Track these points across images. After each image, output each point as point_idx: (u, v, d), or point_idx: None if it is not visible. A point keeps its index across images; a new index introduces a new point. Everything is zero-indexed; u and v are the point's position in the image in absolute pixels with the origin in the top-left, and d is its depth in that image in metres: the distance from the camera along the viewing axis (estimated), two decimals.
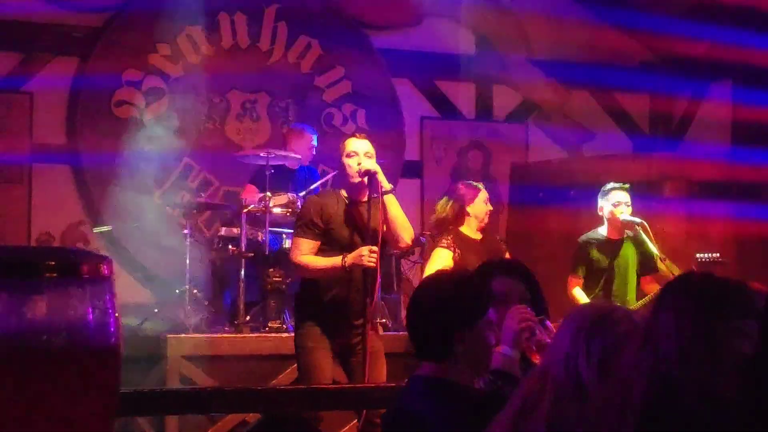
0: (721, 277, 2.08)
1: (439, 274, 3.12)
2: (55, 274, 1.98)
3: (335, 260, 4.89)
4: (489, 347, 2.86)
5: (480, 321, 2.82)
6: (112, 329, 2.02)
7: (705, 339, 1.93)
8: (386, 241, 5.03)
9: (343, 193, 5.05)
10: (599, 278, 6.33)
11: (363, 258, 4.81)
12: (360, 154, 4.93)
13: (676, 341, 1.94)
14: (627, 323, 2.10)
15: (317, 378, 4.87)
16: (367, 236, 4.88)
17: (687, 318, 1.97)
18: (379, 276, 4.88)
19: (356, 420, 5.08)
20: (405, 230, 4.99)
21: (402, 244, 5.11)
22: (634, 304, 6.19)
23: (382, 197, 4.87)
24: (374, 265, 4.80)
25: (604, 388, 2.09)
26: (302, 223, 5.04)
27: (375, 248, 4.81)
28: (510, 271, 3.40)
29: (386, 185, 4.89)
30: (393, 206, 4.92)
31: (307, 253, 4.97)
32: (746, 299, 2.00)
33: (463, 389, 2.80)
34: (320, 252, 5.00)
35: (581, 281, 6.33)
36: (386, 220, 4.91)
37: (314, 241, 4.98)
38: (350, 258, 4.84)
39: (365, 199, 4.91)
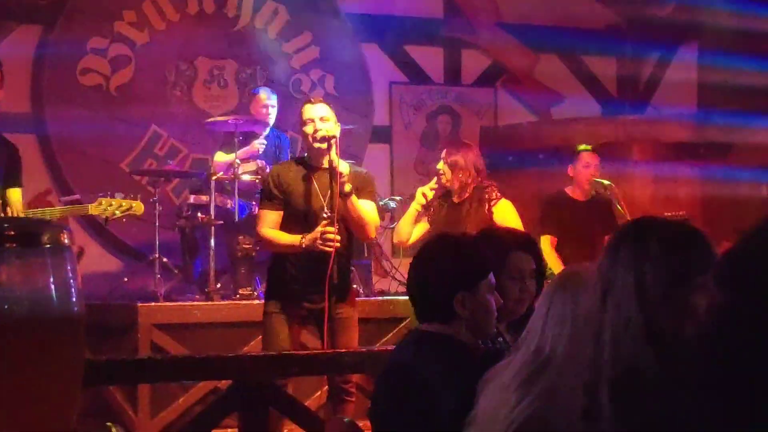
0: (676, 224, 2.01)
1: (440, 236, 3.07)
2: (15, 244, 1.97)
3: (294, 239, 4.77)
4: (490, 310, 2.81)
5: (481, 283, 2.79)
6: (74, 298, 2.02)
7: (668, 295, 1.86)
8: (351, 230, 4.90)
9: (305, 160, 4.97)
10: (567, 238, 6.39)
11: (317, 243, 4.69)
12: (316, 119, 4.79)
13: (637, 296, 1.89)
14: None
15: (271, 343, 4.83)
16: (327, 206, 4.76)
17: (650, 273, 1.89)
18: (333, 254, 4.68)
19: (326, 386, 5.05)
20: (368, 225, 4.86)
21: (367, 240, 5.01)
22: None
23: (337, 169, 4.69)
24: (330, 250, 4.66)
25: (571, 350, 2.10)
26: (263, 195, 4.99)
27: (332, 230, 4.68)
28: (528, 247, 3.42)
29: (346, 187, 4.71)
30: (353, 207, 4.76)
31: (270, 226, 4.88)
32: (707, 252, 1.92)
33: (461, 345, 2.75)
34: (283, 220, 4.91)
35: (556, 240, 6.40)
36: (349, 219, 4.79)
37: (276, 211, 4.88)
38: (307, 240, 4.72)
39: (325, 165, 4.79)
